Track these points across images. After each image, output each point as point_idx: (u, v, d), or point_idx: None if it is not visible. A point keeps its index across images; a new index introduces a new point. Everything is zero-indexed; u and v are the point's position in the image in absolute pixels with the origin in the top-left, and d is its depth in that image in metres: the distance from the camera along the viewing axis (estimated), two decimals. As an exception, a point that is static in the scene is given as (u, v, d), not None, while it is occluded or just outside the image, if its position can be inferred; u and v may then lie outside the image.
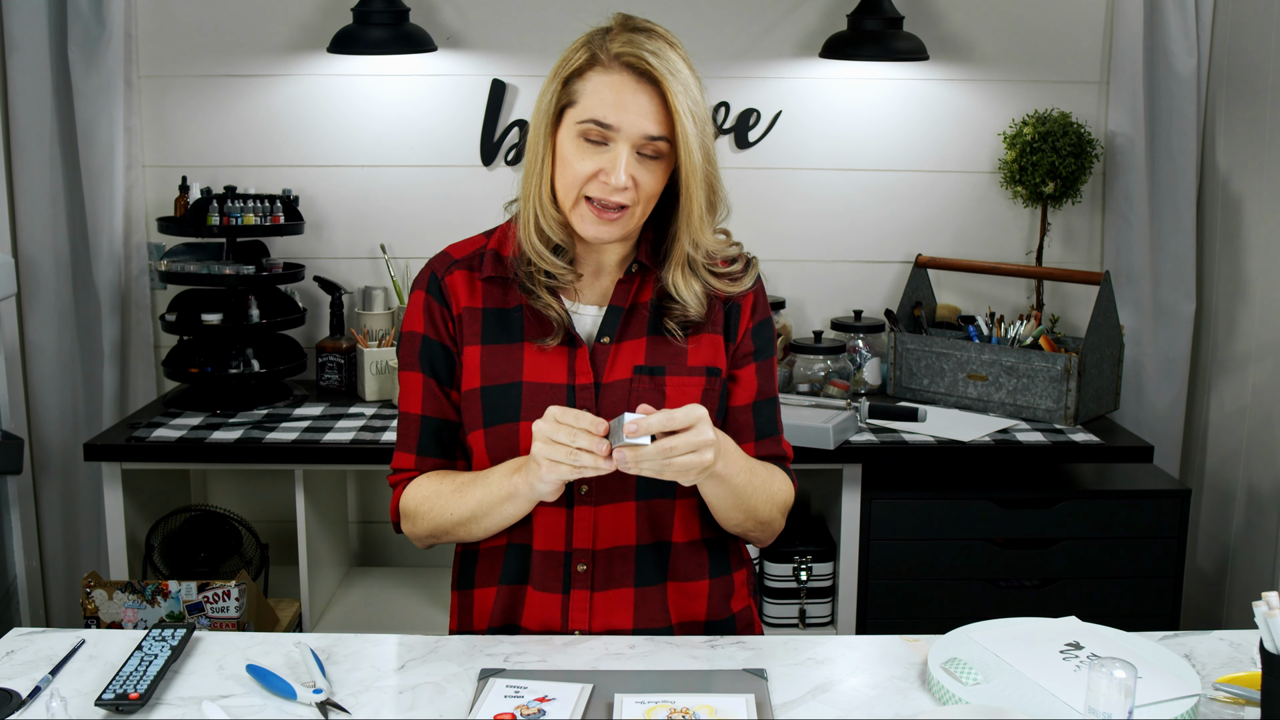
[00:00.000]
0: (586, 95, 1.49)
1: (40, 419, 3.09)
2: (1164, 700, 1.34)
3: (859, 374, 3.05)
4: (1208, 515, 3.10)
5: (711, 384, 1.58)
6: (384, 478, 3.20)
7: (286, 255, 3.08)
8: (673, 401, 1.54)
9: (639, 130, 1.47)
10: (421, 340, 1.61)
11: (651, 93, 1.48)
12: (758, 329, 1.64)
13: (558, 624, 1.57)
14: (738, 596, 1.67)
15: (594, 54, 1.50)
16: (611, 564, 1.56)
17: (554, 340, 1.56)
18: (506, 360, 1.57)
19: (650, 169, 1.50)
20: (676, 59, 1.49)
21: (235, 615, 2.50)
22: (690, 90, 1.49)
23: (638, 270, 1.60)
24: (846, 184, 3.15)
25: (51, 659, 1.49)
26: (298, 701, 1.38)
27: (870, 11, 2.92)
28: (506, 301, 1.59)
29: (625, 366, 1.56)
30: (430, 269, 1.63)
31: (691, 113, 1.47)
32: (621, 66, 1.48)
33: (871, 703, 1.40)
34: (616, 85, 1.48)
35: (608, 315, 1.58)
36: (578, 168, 1.49)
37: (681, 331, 1.58)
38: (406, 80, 3.08)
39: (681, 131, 1.47)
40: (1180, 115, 3.03)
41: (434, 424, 1.62)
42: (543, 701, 1.36)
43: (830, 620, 2.84)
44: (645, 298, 1.59)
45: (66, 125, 3.00)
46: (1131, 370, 3.14)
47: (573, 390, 1.55)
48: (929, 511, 2.66)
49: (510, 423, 1.55)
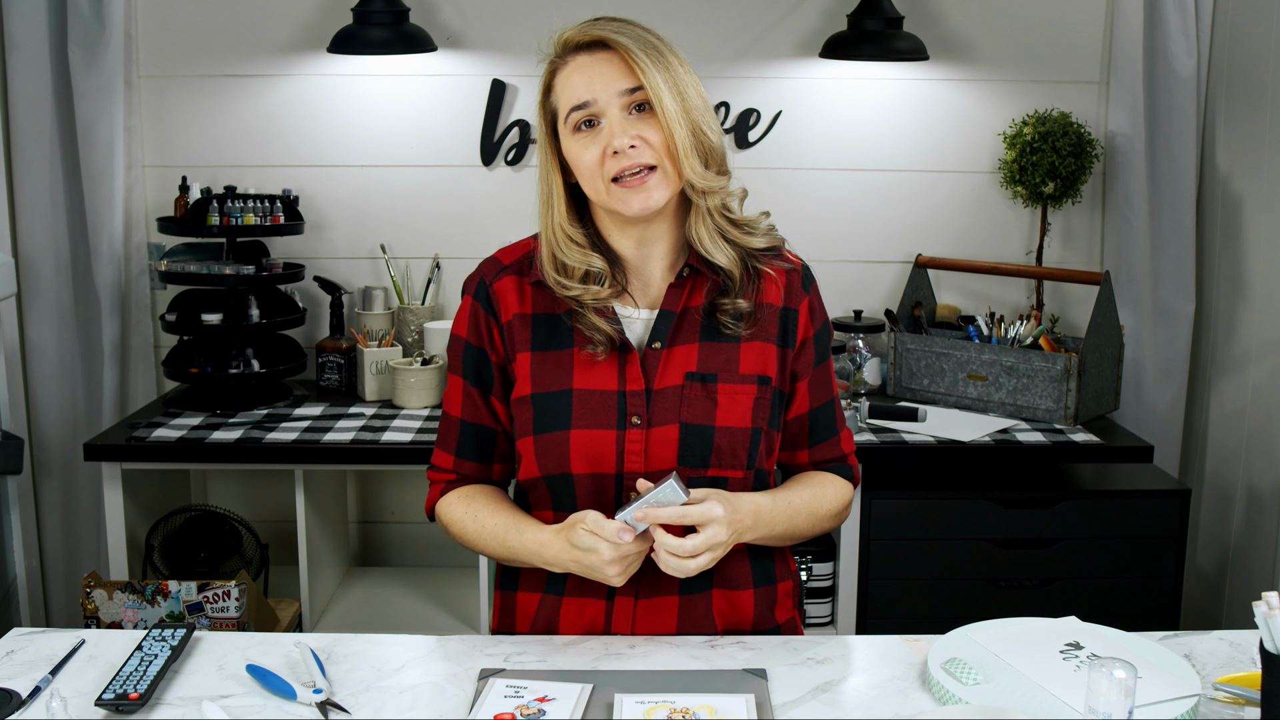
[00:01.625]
0: (560, 93, 1.53)
1: (40, 419, 3.09)
2: (1164, 700, 1.34)
3: (859, 374, 3.05)
4: (1208, 515, 3.10)
5: (763, 393, 1.57)
6: (384, 478, 3.22)
7: (286, 255, 3.08)
8: (724, 408, 1.54)
9: (613, 89, 1.49)
10: (465, 346, 1.61)
11: (611, 56, 1.50)
12: (818, 335, 1.64)
13: (601, 630, 1.57)
14: (782, 607, 1.66)
15: (553, 60, 1.54)
16: (657, 570, 1.53)
17: (604, 350, 1.55)
18: (556, 367, 1.56)
19: (647, 122, 1.50)
20: (627, 23, 1.52)
21: (235, 615, 2.50)
22: (646, 37, 1.50)
23: (689, 274, 1.58)
24: (846, 184, 3.15)
25: (51, 659, 1.49)
26: (298, 701, 1.38)
27: (870, 11, 2.92)
28: (556, 306, 1.57)
29: (677, 372, 1.55)
30: (480, 274, 1.62)
31: (652, 60, 1.48)
32: (574, 51, 1.52)
33: (871, 703, 1.40)
34: (577, 68, 1.51)
35: (659, 320, 1.57)
36: (586, 158, 1.50)
37: (735, 323, 1.57)
38: (406, 80, 3.08)
39: (648, 82, 1.48)
40: (1180, 115, 3.03)
41: (472, 429, 1.63)
42: (543, 701, 1.36)
43: (830, 620, 2.84)
44: (697, 301, 1.57)
45: (66, 125, 3.00)
46: (1131, 370, 3.14)
47: (624, 397, 1.53)
48: (929, 511, 2.66)
49: (560, 430, 1.54)
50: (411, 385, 2.86)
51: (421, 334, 3.07)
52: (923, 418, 2.73)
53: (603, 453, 1.53)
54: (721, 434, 1.53)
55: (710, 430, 1.53)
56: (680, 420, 1.53)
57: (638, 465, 1.52)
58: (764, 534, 1.55)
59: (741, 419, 1.55)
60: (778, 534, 1.57)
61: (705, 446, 1.53)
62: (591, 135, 1.50)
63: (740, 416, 1.55)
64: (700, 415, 1.53)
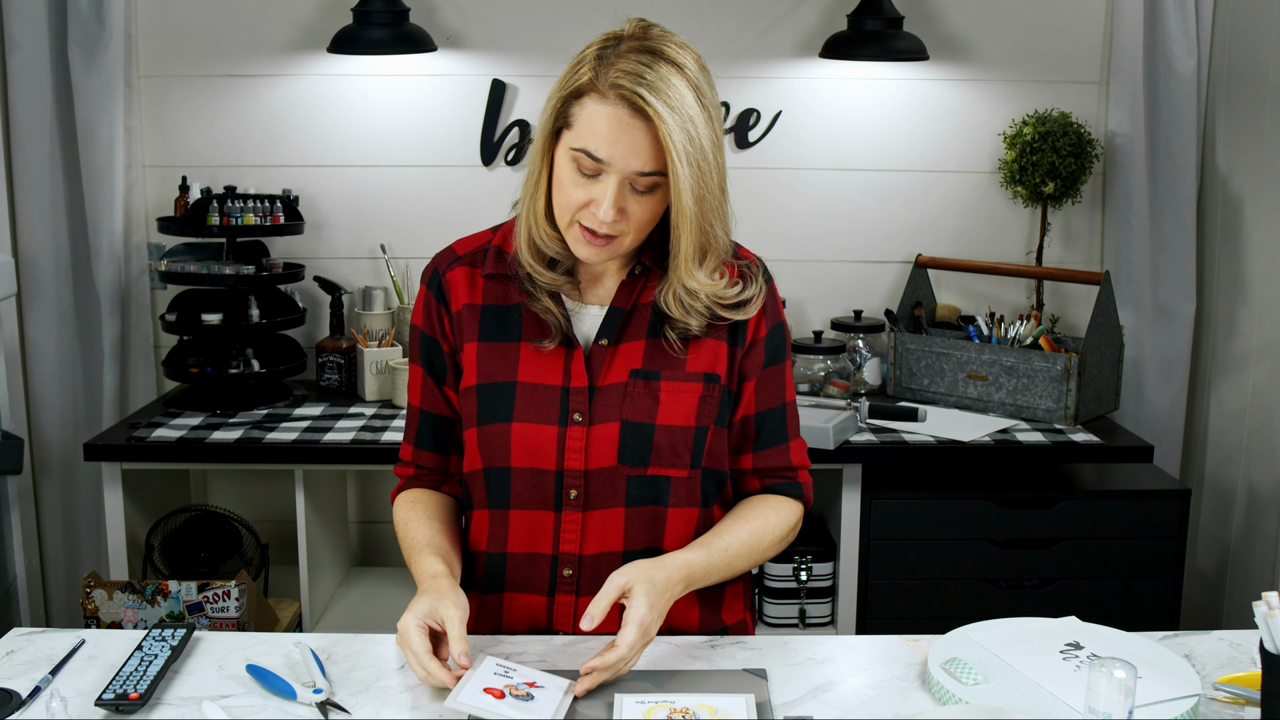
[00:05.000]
0: (581, 122, 1.43)
1: (40, 419, 3.09)
2: (1164, 700, 1.34)
3: (859, 374, 3.05)
4: (1208, 515, 3.10)
5: (709, 390, 1.55)
6: (384, 478, 3.22)
7: (286, 255, 3.08)
8: (666, 406, 1.52)
9: (629, 167, 1.42)
10: (420, 335, 1.62)
11: (646, 128, 1.40)
12: (770, 335, 1.60)
13: (542, 628, 1.57)
14: (730, 609, 1.65)
15: (595, 75, 1.42)
16: (599, 569, 1.54)
17: (551, 343, 1.54)
18: (502, 359, 1.56)
19: (643, 201, 1.46)
20: (681, 89, 1.40)
21: (235, 615, 2.50)
22: (690, 128, 1.40)
23: (641, 271, 1.56)
24: (846, 184, 3.15)
25: (51, 659, 1.49)
26: (298, 701, 1.38)
27: (870, 11, 2.92)
28: (507, 299, 1.57)
29: (622, 370, 1.54)
30: (434, 264, 1.62)
31: (686, 153, 1.40)
32: (617, 98, 1.40)
33: (871, 703, 1.40)
34: (610, 118, 1.41)
35: (608, 316, 1.56)
36: (570, 194, 1.45)
37: (681, 344, 1.54)
38: (406, 80, 3.08)
39: (673, 174, 1.41)
40: (1180, 115, 3.03)
41: (430, 419, 1.64)
42: (532, 686, 1.37)
43: (830, 620, 2.84)
44: (648, 298, 1.56)
45: (66, 125, 3.00)
46: (1131, 370, 3.14)
47: (566, 393, 1.53)
48: (929, 511, 2.66)
49: (502, 423, 1.53)
50: (411, 385, 2.86)
51: (421, 334, 3.06)
52: (923, 418, 2.73)
53: (543, 448, 1.52)
54: (662, 432, 1.52)
55: (650, 429, 1.52)
56: (621, 418, 1.52)
57: (578, 463, 1.52)
58: (700, 586, 1.52)
59: (684, 417, 1.53)
60: (715, 580, 1.54)
61: (645, 445, 1.52)
62: (585, 181, 1.44)
63: (683, 415, 1.53)
64: (641, 413, 1.52)
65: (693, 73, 1.43)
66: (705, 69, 1.46)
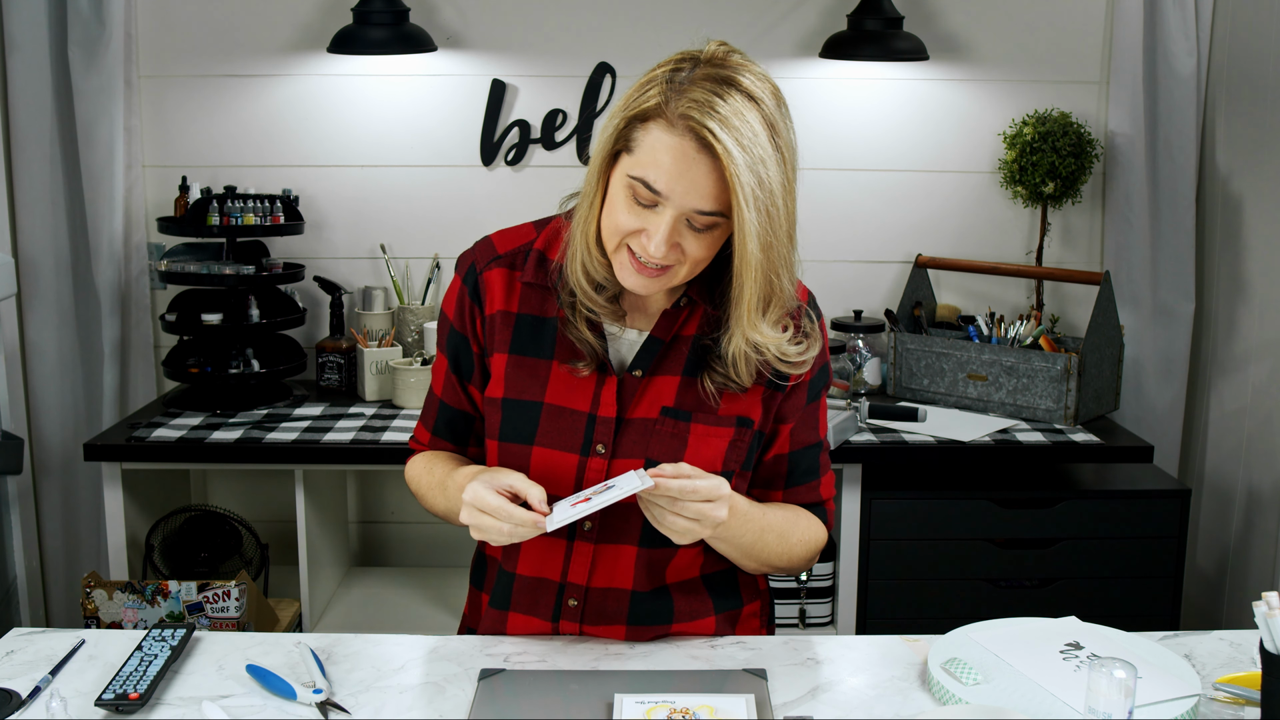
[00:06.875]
0: (643, 150, 1.33)
1: (40, 419, 3.09)
2: (1164, 700, 1.34)
3: (859, 374, 3.05)
4: (1208, 515, 3.10)
5: (740, 435, 1.48)
6: (384, 478, 3.22)
7: (286, 255, 3.08)
8: (694, 449, 1.47)
9: (689, 204, 1.33)
10: (450, 329, 1.57)
11: (712, 164, 1.31)
12: (816, 377, 1.53)
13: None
14: (746, 627, 1.63)
15: (664, 99, 1.32)
16: (604, 604, 1.51)
17: (586, 368, 1.48)
18: (532, 376, 1.50)
19: (699, 239, 1.36)
20: (755, 125, 1.31)
21: (235, 615, 2.50)
22: (761, 169, 1.30)
23: (686, 304, 1.48)
24: (846, 184, 3.16)
25: (51, 659, 1.49)
26: (298, 701, 1.38)
27: (870, 11, 2.92)
28: (544, 310, 1.50)
29: (652, 405, 1.47)
30: (471, 258, 1.54)
31: (754, 196, 1.29)
32: (685, 128, 1.30)
33: (871, 703, 1.40)
34: (675, 150, 1.31)
35: (645, 345, 1.48)
36: (621, 220, 1.37)
37: (717, 395, 1.46)
38: (406, 80, 3.08)
39: (738, 218, 1.31)
40: (1180, 115, 3.03)
41: (449, 411, 1.61)
42: (605, 487, 1.38)
43: (830, 620, 2.84)
44: (690, 331, 1.48)
45: (66, 125, 3.00)
46: (1131, 370, 3.14)
47: (593, 421, 1.47)
48: (929, 511, 2.66)
49: (524, 445, 1.48)
50: (411, 385, 2.86)
51: (421, 334, 3.07)
52: (923, 418, 2.73)
53: (562, 476, 1.47)
54: None
55: None
56: (646, 456, 1.46)
57: None
58: (734, 534, 1.46)
59: (710, 462, 1.46)
60: (745, 543, 1.48)
61: None
62: (639, 210, 1.36)
63: (709, 460, 1.46)
64: (667, 454, 1.46)
65: (769, 108, 1.34)
66: (784, 103, 1.37)
